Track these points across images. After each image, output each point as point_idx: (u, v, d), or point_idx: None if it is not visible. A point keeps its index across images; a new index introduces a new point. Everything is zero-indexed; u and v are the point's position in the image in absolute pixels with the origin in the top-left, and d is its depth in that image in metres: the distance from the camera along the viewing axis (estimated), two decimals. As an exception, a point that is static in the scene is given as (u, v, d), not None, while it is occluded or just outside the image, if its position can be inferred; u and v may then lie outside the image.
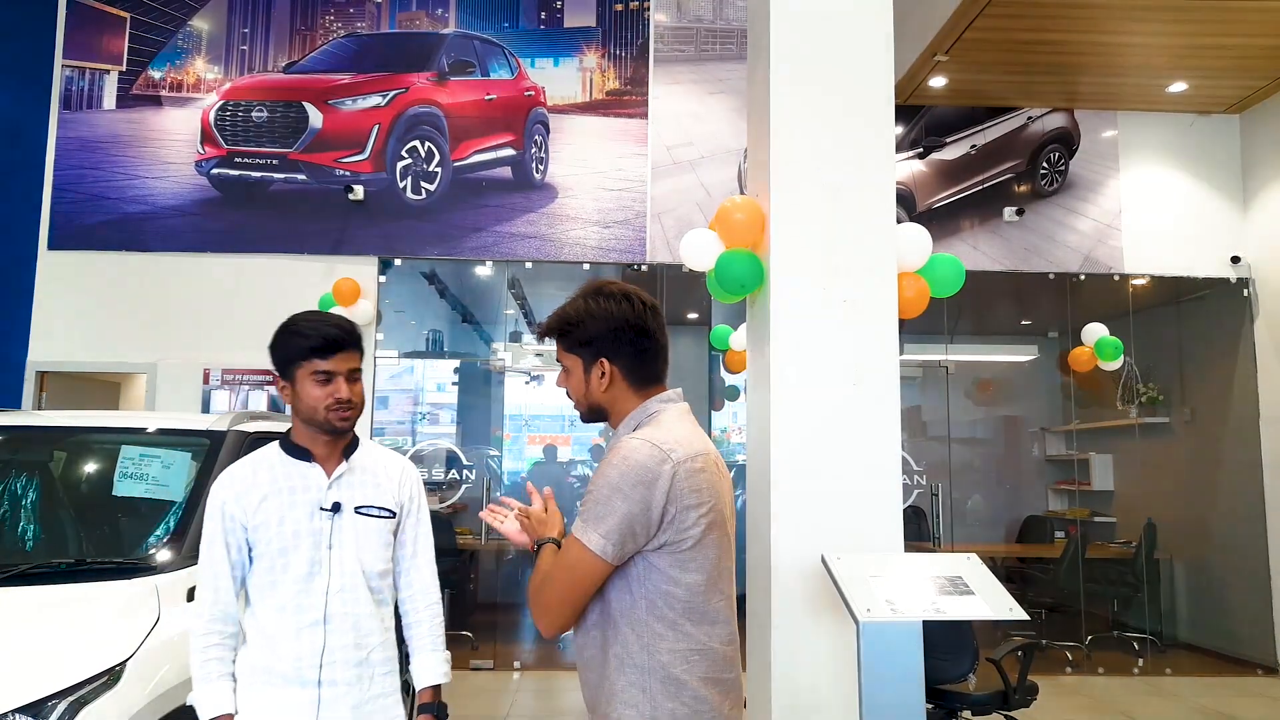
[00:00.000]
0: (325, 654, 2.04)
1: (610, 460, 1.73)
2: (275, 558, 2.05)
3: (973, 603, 2.57)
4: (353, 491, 2.15)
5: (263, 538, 2.06)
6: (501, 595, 8.34)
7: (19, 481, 3.31)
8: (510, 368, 7.96)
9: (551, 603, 1.74)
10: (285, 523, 2.06)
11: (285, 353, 2.10)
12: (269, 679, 2.02)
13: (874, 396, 3.28)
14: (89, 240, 6.84)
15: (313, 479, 2.12)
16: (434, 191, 7.00)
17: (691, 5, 7.31)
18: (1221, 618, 7.51)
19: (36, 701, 2.18)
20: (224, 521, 2.07)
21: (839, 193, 3.37)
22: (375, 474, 2.21)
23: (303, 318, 2.15)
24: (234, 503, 2.07)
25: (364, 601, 2.11)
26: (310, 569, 2.06)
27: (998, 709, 4.08)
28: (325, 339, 2.08)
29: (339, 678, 2.05)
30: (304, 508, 2.09)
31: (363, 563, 2.12)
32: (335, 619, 2.06)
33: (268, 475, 2.11)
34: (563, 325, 1.85)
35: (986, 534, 8.96)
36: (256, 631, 2.06)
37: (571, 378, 1.88)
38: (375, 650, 2.12)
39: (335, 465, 2.15)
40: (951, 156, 7.32)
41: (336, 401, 2.08)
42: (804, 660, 3.17)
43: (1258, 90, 6.95)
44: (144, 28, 7.13)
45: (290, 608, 2.04)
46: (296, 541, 2.06)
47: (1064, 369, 7.83)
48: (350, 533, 2.12)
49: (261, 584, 2.06)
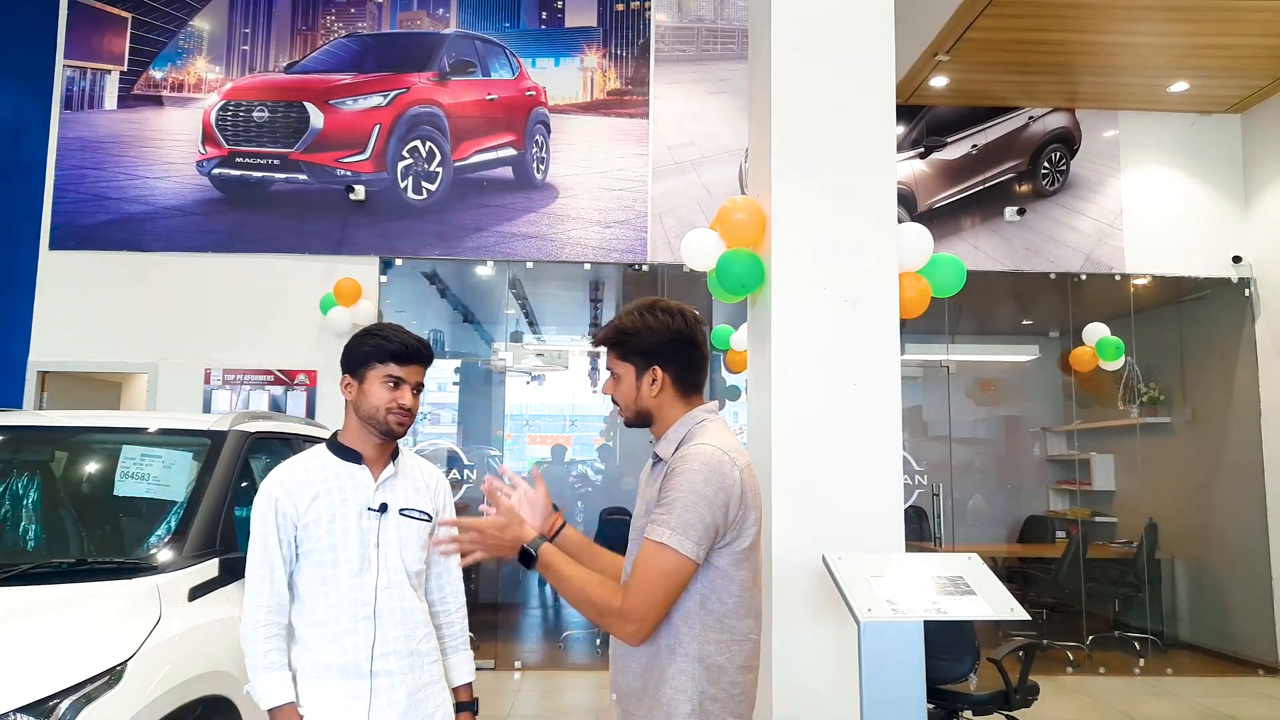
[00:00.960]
0: (377, 645, 2.14)
1: (690, 467, 1.83)
2: (326, 553, 2.15)
3: (974, 603, 2.57)
4: (396, 494, 2.26)
5: (314, 534, 2.15)
6: (502, 595, 8.34)
7: (20, 481, 3.31)
8: (511, 367, 7.96)
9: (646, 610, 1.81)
10: (336, 520, 2.16)
11: (363, 353, 2.23)
12: (326, 672, 2.12)
13: (875, 396, 3.29)
14: (90, 240, 6.85)
15: (361, 480, 2.22)
16: (435, 191, 7.00)
17: (692, 5, 7.31)
18: (1222, 618, 7.51)
19: (38, 701, 2.17)
20: (276, 518, 2.15)
21: (840, 193, 3.37)
22: (415, 480, 2.33)
23: (386, 326, 2.30)
24: (286, 500, 2.16)
25: (410, 596, 2.22)
26: (361, 565, 2.16)
27: (999, 709, 4.08)
28: (405, 346, 2.22)
29: (393, 668, 2.15)
30: (354, 506, 2.19)
31: (405, 561, 2.23)
32: (385, 613, 2.17)
33: (319, 475, 2.21)
34: (619, 335, 1.98)
35: (987, 534, 8.96)
36: (310, 626, 2.14)
37: (622, 384, 2.01)
38: (423, 641, 2.23)
39: (382, 468, 2.26)
40: (952, 156, 7.32)
41: (400, 407, 2.21)
42: (805, 660, 3.17)
43: (1259, 90, 6.95)
44: (145, 28, 7.14)
45: (346, 602, 2.14)
46: (346, 539, 2.16)
47: (1065, 369, 7.83)
48: (394, 532, 2.23)
49: (312, 579, 2.15)
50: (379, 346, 2.22)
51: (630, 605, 1.80)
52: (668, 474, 1.87)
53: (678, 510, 1.80)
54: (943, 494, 7.16)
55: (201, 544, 2.92)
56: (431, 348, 2.32)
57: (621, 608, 1.80)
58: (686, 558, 1.79)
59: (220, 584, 2.90)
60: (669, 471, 1.87)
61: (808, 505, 3.22)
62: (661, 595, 1.81)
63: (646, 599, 1.80)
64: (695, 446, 1.88)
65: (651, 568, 1.81)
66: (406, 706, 2.16)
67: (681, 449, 1.92)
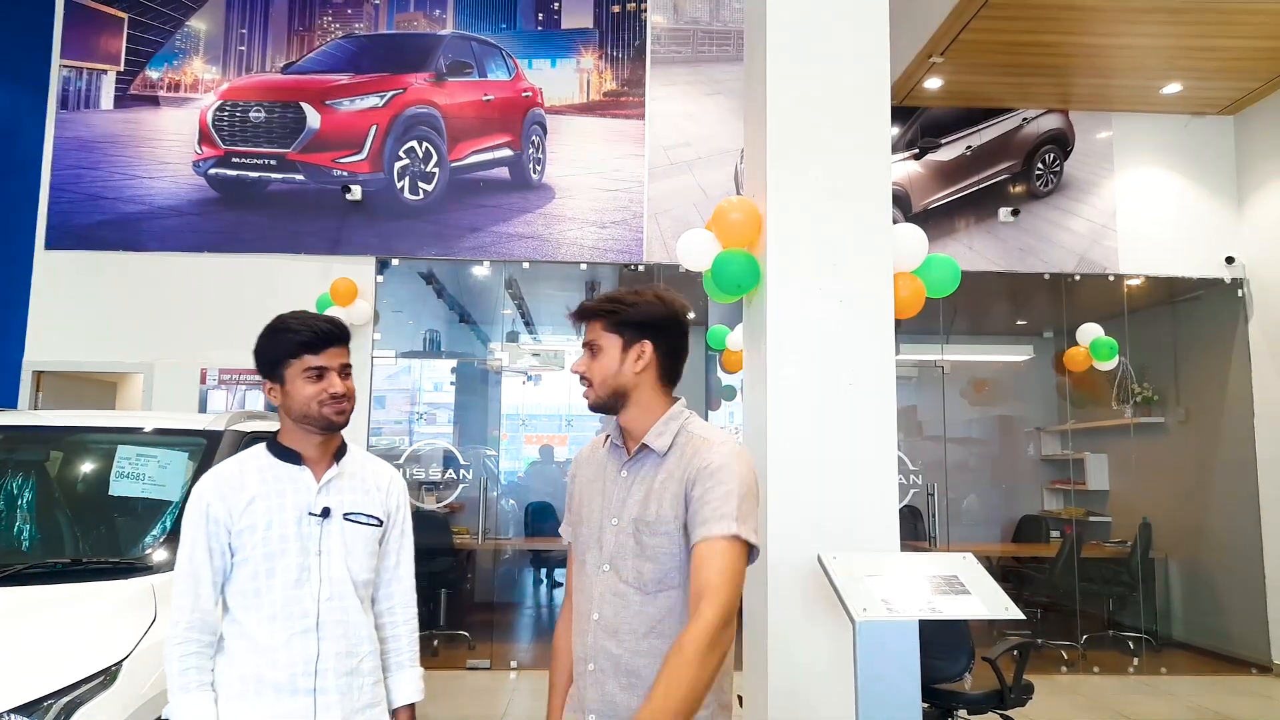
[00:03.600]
0: (319, 661, 1.98)
1: (729, 460, 1.79)
2: (261, 563, 1.98)
3: (968, 602, 2.58)
4: (341, 497, 2.09)
5: (249, 541, 1.98)
6: (498, 595, 8.34)
7: (15, 481, 3.30)
8: (507, 368, 7.96)
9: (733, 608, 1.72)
10: (273, 526, 1.99)
11: (274, 352, 2.04)
12: (260, 689, 1.95)
13: (870, 396, 3.30)
14: (86, 240, 6.83)
15: (302, 482, 2.05)
16: (431, 192, 7.00)
17: (688, 7, 7.32)
18: (1216, 617, 7.53)
19: (32, 701, 2.18)
20: (208, 524, 1.98)
21: (835, 193, 3.38)
22: (364, 480, 2.15)
23: (289, 316, 2.09)
24: (219, 504, 1.99)
25: (354, 609, 2.05)
26: (299, 575, 2.00)
27: (993, 708, 4.09)
28: (316, 333, 2.03)
29: (330, 686, 1.98)
30: (292, 511, 2.02)
31: (350, 570, 2.06)
32: (327, 626, 2.00)
33: (256, 477, 2.04)
34: (612, 304, 1.90)
35: (982, 533, 8.97)
36: (243, 640, 1.98)
37: (602, 357, 1.90)
38: (365, 659, 2.07)
39: (325, 469, 2.09)
40: (947, 157, 7.34)
41: (331, 396, 2.03)
42: (800, 660, 3.18)
43: (1252, 91, 6.97)
44: (142, 28, 7.13)
45: (281, 616, 1.97)
46: (284, 546, 1.99)
47: (1059, 369, 7.85)
48: (338, 539, 2.05)
49: (246, 590, 1.99)
50: (288, 341, 2.03)
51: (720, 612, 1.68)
52: (703, 471, 1.79)
53: (734, 501, 1.75)
54: (937, 493, 7.18)
55: (197, 544, 2.91)
56: (344, 325, 2.12)
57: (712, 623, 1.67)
58: (750, 547, 1.76)
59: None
60: (704, 469, 1.79)
61: (803, 504, 3.23)
62: (739, 588, 1.74)
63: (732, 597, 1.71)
64: (718, 443, 1.83)
65: (728, 562, 1.72)
66: None
67: (689, 445, 1.85)
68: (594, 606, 1.86)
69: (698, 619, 1.68)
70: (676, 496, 1.81)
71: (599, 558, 1.88)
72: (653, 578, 1.81)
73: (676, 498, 1.81)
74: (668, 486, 1.83)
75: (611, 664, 1.81)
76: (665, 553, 1.81)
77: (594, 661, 1.84)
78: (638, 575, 1.82)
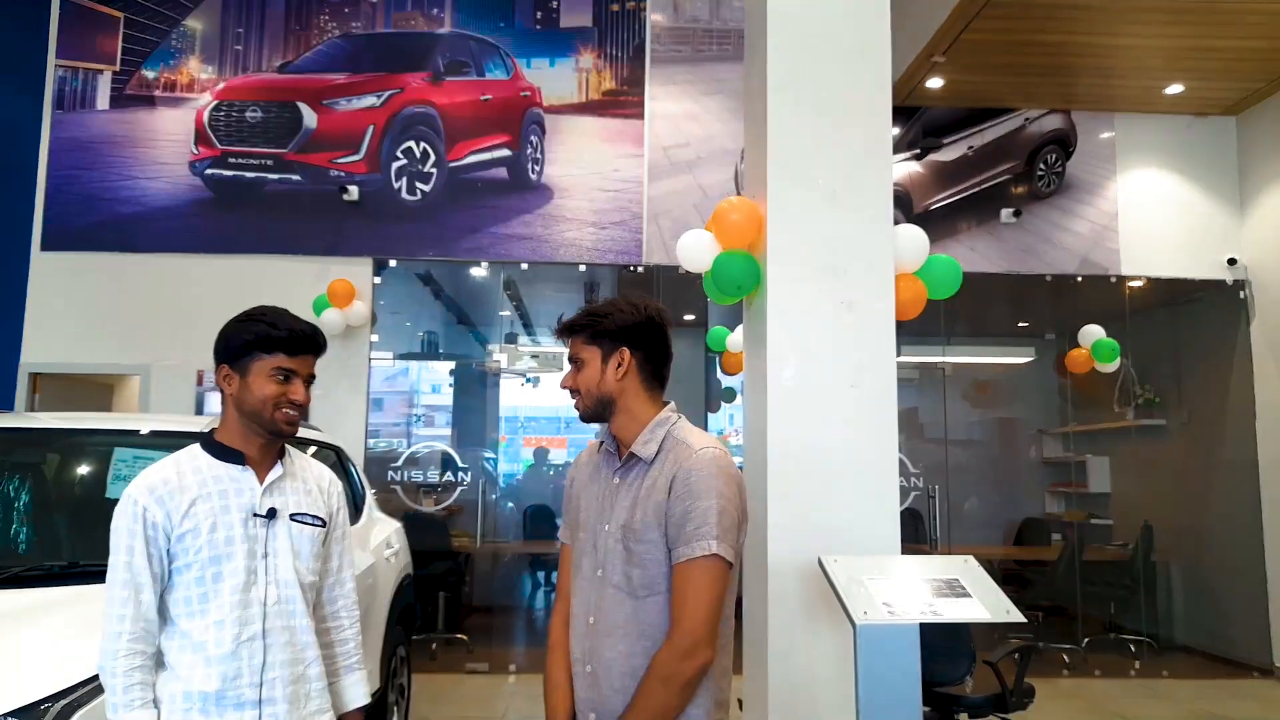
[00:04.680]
0: (265, 671, 1.91)
1: (709, 473, 1.83)
2: (207, 566, 1.90)
3: (970, 605, 2.56)
4: (286, 498, 2.02)
5: (192, 545, 1.90)
6: (496, 598, 8.31)
7: (12, 484, 3.29)
8: (506, 369, 7.94)
9: (713, 628, 1.80)
10: (218, 529, 1.91)
11: (244, 340, 1.97)
12: (202, 704, 1.87)
13: (871, 398, 3.28)
14: (82, 241, 6.81)
15: (245, 483, 1.97)
16: (429, 192, 6.98)
17: (688, 6, 7.31)
18: (1218, 620, 7.51)
19: (29, 705, 2.16)
20: (145, 529, 1.88)
21: (836, 194, 3.36)
22: (306, 481, 2.10)
23: (269, 309, 2.03)
24: (157, 507, 1.89)
25: (300, 614, 1.99)
26: (247, 579, 1.92)
27: (995, 711, 4.07)
28: (298, 334, 1.98)
29: (277, 695, 1.92)
30: (237, 513, 1.94)
31: (298, 572, 2.00)
32: (274, 633, 1.94)
33: (195, 478, 1.94)
34: (589, 318, 1.96)
35: (983, 536, 8.95)
36: (182, 652, 1.89)
37: (585, 370, 1.96)
38: (311, 665, 2.00)
39: (268, 469, 2.01)
40: (949, 158, 7.32)
41: (291, 402, 1.97)
42: (801, 663, 3.16)
43: (1254, 92, 6.96)
44: (138, 27, 7.11)
45: (229, 621, 1.89)
46: (230, 549, 1.91)
47: (1061, 371, 7.83)
48: (285, 541, 1.99)
49: (191, 597, 1.90)
50: (266, 334, 1.96)
51: (699, 633, 1.78)
52: (682, 483, 1.83)
53: (713, 518, 1.80)
54: (939, 496, 7.16)
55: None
56: (324, 336, 2.08)
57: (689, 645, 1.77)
58: (730, 564, 1.82)
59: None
60: (683, 481, 1.83)
61: (804, 507, 3.21)
62: (719, 607, 1.82)
63: (711, 617, 1.80)
64: (698, 450, 1.87)
65: (709, 580, 1.80)
66: None
67: (673, 452, 1.89)
68: (589, 610, 1.92)
69: (670, 641, 1.80)
70: (660, 505, 1.85)
71: (594, 562, 1.94)
72: (641, 583, 1.86)
73: (660, 506, 1.85)
74: (652, 494, 1.88)
75: (605, 667, 1.87)
76: (652, 559, 1.86)
77: (590, 664, 1.90)
78: (626, 580, 1.87)
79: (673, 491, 1.84)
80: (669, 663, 1.78)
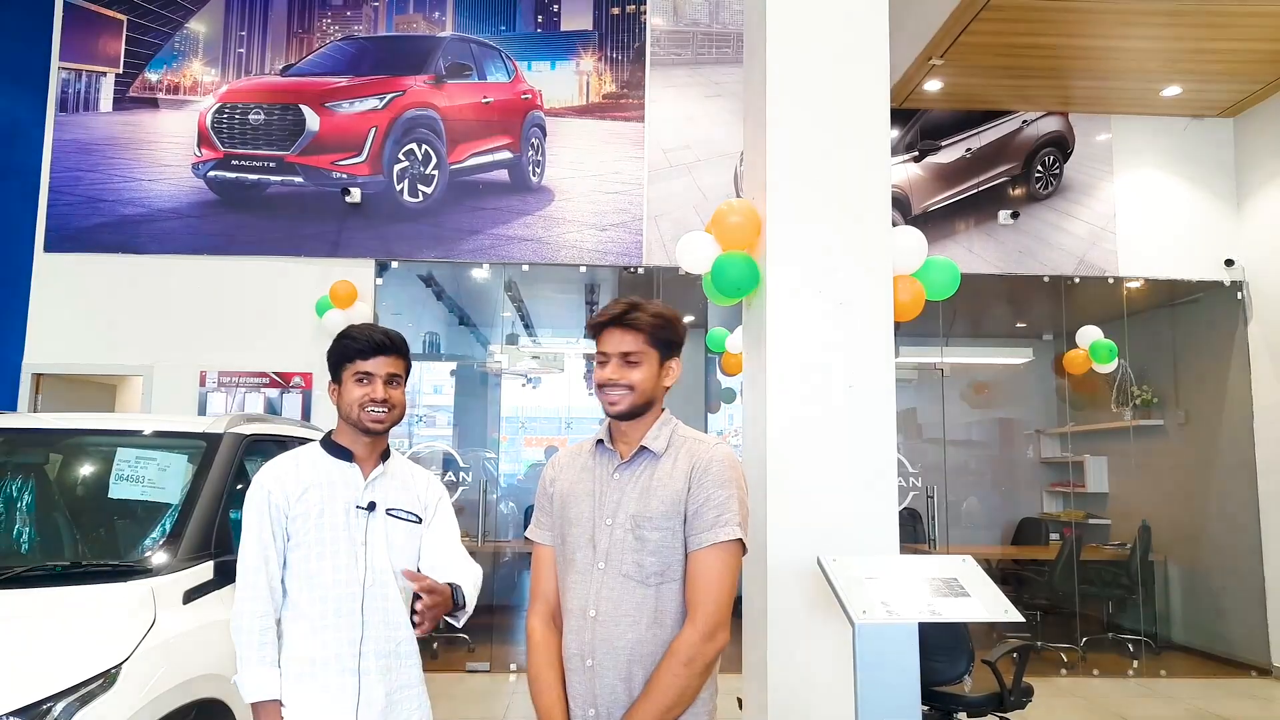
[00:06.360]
0: (363, 643, 2.15)
1: (725, 464, 1.94)
2: (313, 547, 2.17)
3: (968, 604, 2.58)
4: (385, 494, 2.29)
5: (302, 528, 2.18)
6: (497, 598, 8.32)
7: (15, 484, 3.30)
8: (507, 370, 7.96)
9: (727, 611, 1.89)
10: (325, 515, 2.19)
11: (336, 356, 2.29)
12: (311, 669, 2.12)
13: (870, 398, 3.30)
14: (85, 243, 6.83)
15: (351, 477, 2.26)
16: (431, 194, 7.00)
17: (688, 9, 7.33)
18: (1215, 619, 7.53)
19: (33, 704, 2.17)
20: (270, 510, 2.18)
21: (835, 196, 3.38)
22: (406, 481, 2.36)
23: (355, 326, 2.35)
24: (279, 492, 2.19)
25: (394, 598, 2.22)
26: (347, 561, 2.18)
27: (993, 710, 4.08)
28: (369, 341, 2.25)
29: (372, 667, 2.15)
30: (341, 503, 2.22)
31: (392, 561, 2.24)
32: (370, 611, 2.18)
33: (310, 470, 2.24)
34: (662, 319, 2.01)
35: (982, 536, 8.97)
36: (294, 621, 2.16)
37: (644, 368, 1.99)
38: (403, 643, 2.23)
39: (372, 467, 2.30)
40: (946, 160, 7.35)
41: (370, 400, 2.23)
42: (800, 662, 3.18)
43: (1251, 94, 6.98)
44: (141, 30, 7.13)
45: (331, 597, 2.15)
46: (334, 534, 2.19)
47: (1059, 371, 7.85)
48: (381, 531, 2.25)
49: (301, 572, 2.17)
50: (346, 347, 2.27)
51: (721, 615, 1.87)
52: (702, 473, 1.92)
53: (734, 505, 1.90)
54: (937, 496, 7.18)
55: (196, 547, 2.92)
56: (403, 338, 2.34)
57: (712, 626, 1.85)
58: (743, 548, 1.93)
59: (215, 587, 2.90)
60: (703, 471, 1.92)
61: (803, 507, 3.23)
62: (734, 592, 1.91)
63: (730, 601, 1.89)
64: (713, 445, 1.98)
65: (728, 565, 1.89)
66: (385, 706, 2.17)
67: (685, 446, 1.98)
68: (590, 603, 1.94)
69: (692, 624, 1.86)
70: (677, 493, 1.92)
71: (592, 556, 1.96)
72: (654, 570, 1.91)
73: (678, 494, 1.92)
74: (667, 484, 1.94)
75: (612, 657, 1.89)
76: (666, 546, 1.92)
77: (592, 657, 1.91)
78: (639, 568, 1.92)
79: (692, 481, 1.92)
80: (693, 644, 1.84)
